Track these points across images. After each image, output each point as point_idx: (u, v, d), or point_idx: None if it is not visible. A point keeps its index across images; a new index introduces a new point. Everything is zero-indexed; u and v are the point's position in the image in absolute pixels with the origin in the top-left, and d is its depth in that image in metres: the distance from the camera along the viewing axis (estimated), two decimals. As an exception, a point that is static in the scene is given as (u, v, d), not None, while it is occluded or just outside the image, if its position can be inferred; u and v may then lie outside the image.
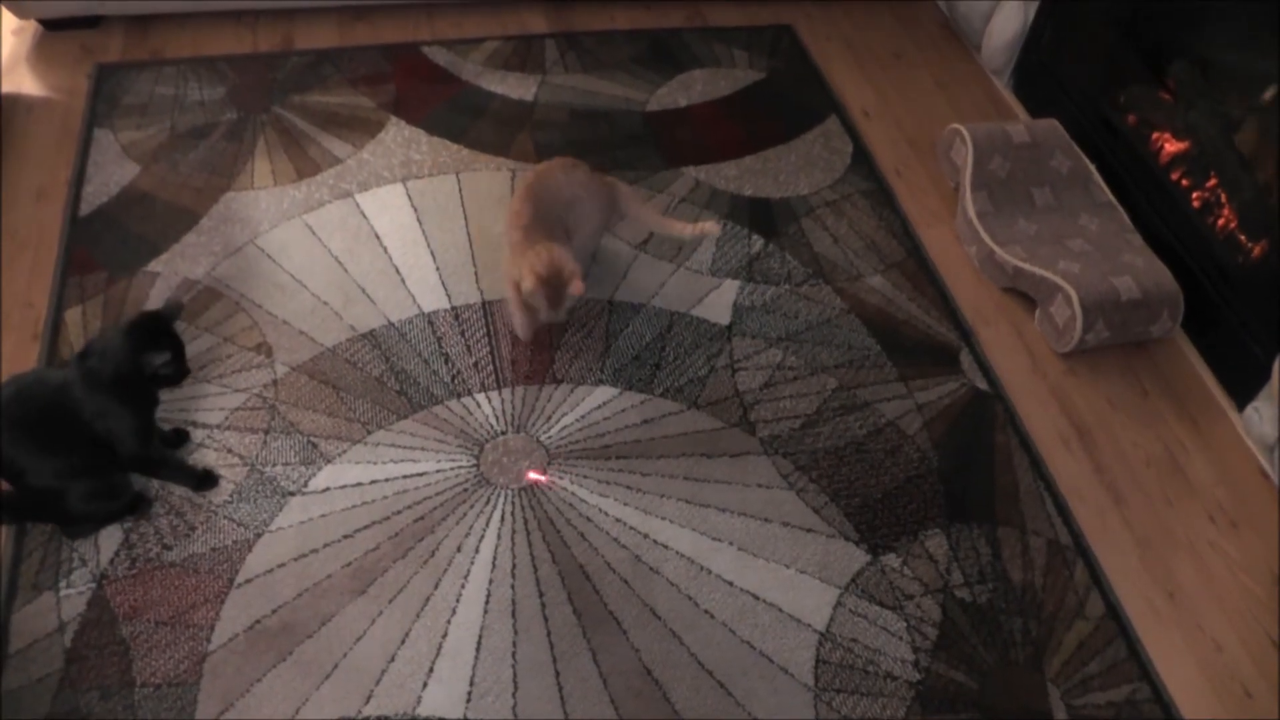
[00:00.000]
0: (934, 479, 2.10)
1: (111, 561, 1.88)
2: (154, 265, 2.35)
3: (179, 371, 1.87)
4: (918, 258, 2.52)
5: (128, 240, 2.40)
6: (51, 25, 2.93)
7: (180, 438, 2.06)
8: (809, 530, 1.99)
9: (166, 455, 2.01)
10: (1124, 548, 2.06)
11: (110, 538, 1.91)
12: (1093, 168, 2.60)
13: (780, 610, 1.88)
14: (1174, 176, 2.49)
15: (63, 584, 1.85)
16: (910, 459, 2.12)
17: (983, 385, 2.27)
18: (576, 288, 2.07)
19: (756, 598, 1.89)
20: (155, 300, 2.26)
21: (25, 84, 2.80)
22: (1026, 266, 2.38)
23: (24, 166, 2.57)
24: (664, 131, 2.78)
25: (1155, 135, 2.57)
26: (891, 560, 1.96)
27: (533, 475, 2.04)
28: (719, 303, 2.37)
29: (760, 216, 2.57)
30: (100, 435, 1.83)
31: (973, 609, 1.91)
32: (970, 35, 3.11)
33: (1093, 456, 2.20)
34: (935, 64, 3.13)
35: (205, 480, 2.00)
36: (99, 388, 1.80)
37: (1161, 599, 2.00)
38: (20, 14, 2.85)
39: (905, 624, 1.88)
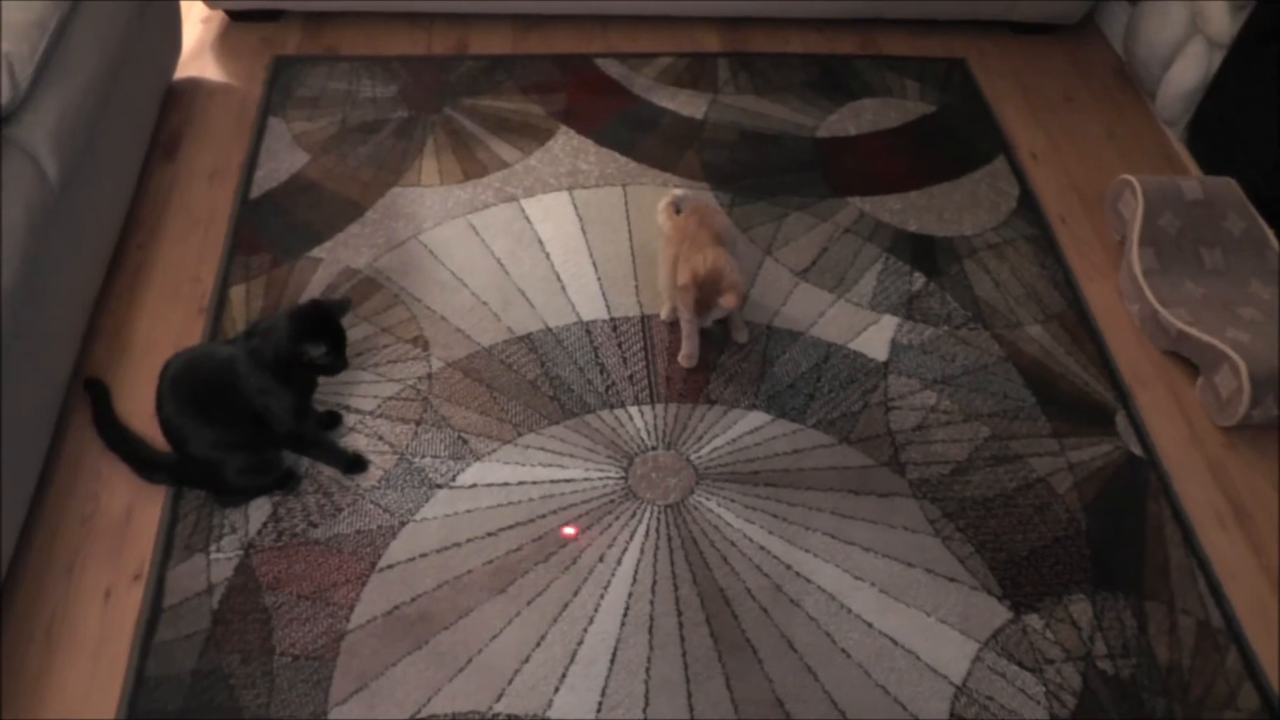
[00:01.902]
0: (1082, 542, 2.04)
1: (259, 532, 1.95)
2: (317, 252, 2.43)
3: (336, 364, 1.92)
4: (1078, 311, 2.45)
5: (293, 226, 2.48)
6: (236, 16, 3.06)
7: (333, 420, 2.12)
8: (952, 580, 1.96)
9: (319, 436, 2.07)
10: (1283, 639, 1.97)
11: (259, 509, 1.99)
12: (1270, 233, 2.49)
13: (918, 658, 1.85)
14: (1363, 252, 2.39)
15: (213, 548, 1.93)
16: (1059, 519, 2.07)
17: (1137, 450, 2.20)
18: (729, 300, 2.08)
19: (895, 642, 1.87)
20: (316, 285, 2.35)
21: (208, 70, 2.93)
22: (1192, 331, 2.29)
23: (202, 147, 2.69)
24: (832, 159, 2.76)
25: (1345, 205, 2.46)
26: (1034, 621, 1.92)
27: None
28: (877, 338, 2.34)
29: (922, 253, 2.54)
30: (259, 411, 1.90)
31: (1115, 682, 1.85)
32: (1146, 82, 3.02)
33: (1251, 539, 2.10)
34: (1107, 110, 3.04)
35: (355, 464, 2.05)
36: (260, 366, 1.86)
37: (1322, 699, 1.90)
38: (211, 4, 2.98)
39: (1044, 688, 1.83)
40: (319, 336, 1.87)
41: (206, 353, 1.97)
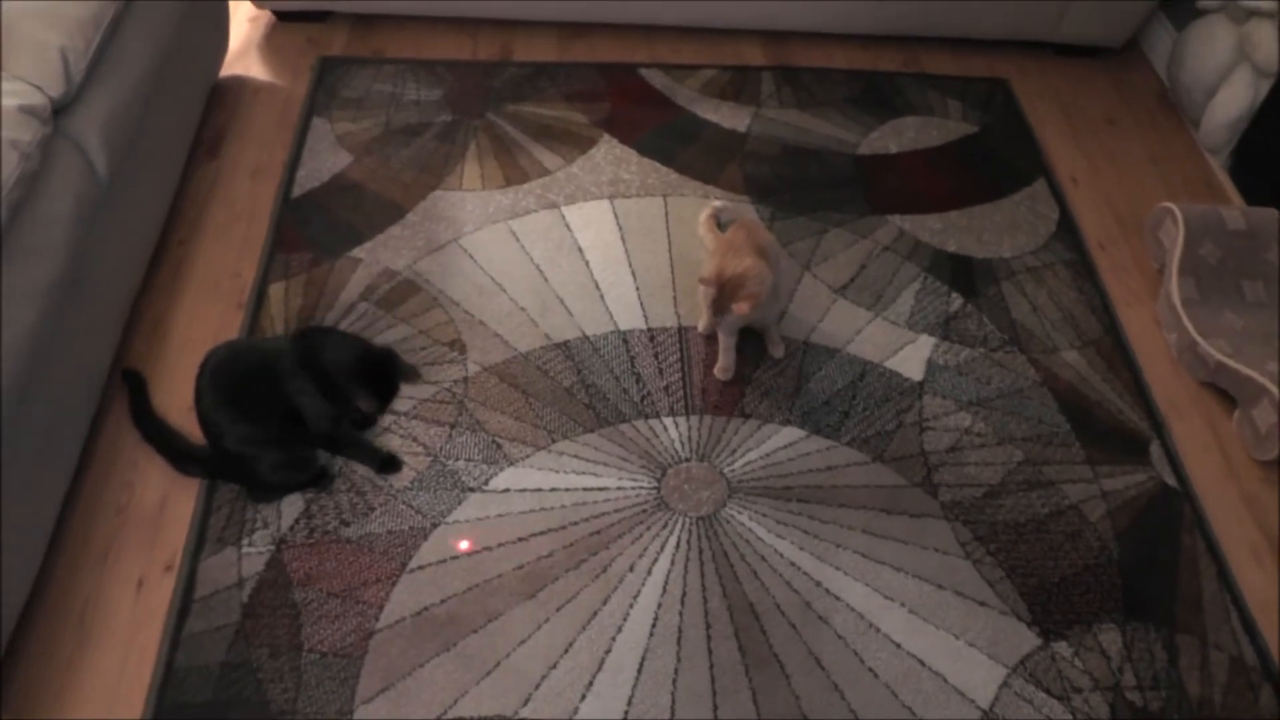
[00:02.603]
0: (1113, 571, 2.02)
1: (291, 528, 1.97)
2: (357, 252, 2.44)
3: (375, 415, 1.94)
4: (1115, 337, 2.44)
5: (335, 225, 2.50)
6: (284, 16, 3.09)
7: (367, 420, 2.13)
8: (982, 603, 1.95)
9: (354, 436, 2.08)
10: (1319, 680, 1.95)
11: (292, 505, 2.00)
12: (1314, 267, 2.48)
13: (945, 680, 1.84)
14: None
15: (245, 542, 1.94)
16: (1090, 546, 2.06)
17: (1171, 481, 2.18)
18: (741, 307, 2.08)
19: (922, 663, 1.86)
20: (355, 285, 2.36)
21: (254, 69, 2.96)
22: (1231, 363, 2.27)
23: (245, 145, 2.71)
24: (873, 176, 2.76)
25: (1392, 242, 2.43)
26: (1062, 648, 1.91)
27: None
28: (913, 358, 2.34)
29: (961, 274, 2.53)
30: (295, 409, 1.91)
31: (1143, 715, 1.84)
32: (1190, 109, 3.00)
33: (1288, 575, 2.10)
34: (1149, 135, 3.02)
35: (389, 464, 2.06)
36: (306, 370, 1.87)
37: (1359, 742, 1.88)
38: (259, 4, 3.01)
39: (1071, 717, 1.82)
40: (375, 389, 1.89)
41: (251, 346, 1.99)
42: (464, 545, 1.97)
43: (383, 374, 1.90)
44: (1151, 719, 1.83)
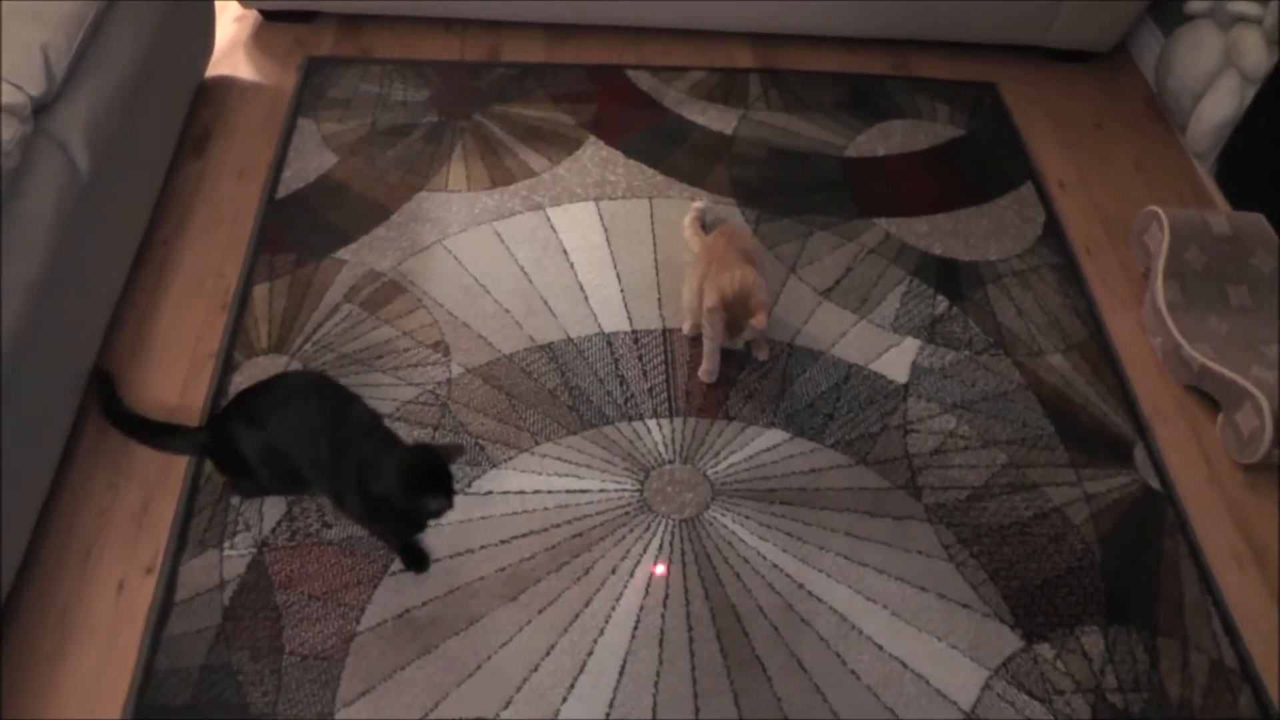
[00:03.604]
0: (1096, 574, 2.02)
1: (273, 531, 1.96)
2: (342, 253, 2.44)
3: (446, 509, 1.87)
4: (1100, 341, 2.44)
5: (319, 226, 2.49)
6: (270, 16, 3.08)
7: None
8: (965, 606, 1.95)
9: (391, 531, 1.99)
10: (1300, 684, 1.95)
11: (274, 507, 2.00)
12: (1298, 272, 2.49)
13: (927, 683, 1.84)
14: (1394, 294, 2.36)
15: (226, 545, 1.93)
16: (1073, 549, 2.06)
17: (1155, 485, 2.18)
18: (760, 320, 2.08)
19: (904, 665, 1.86)
20: (339, 287, 2.35)
21: (241, 69, 2.95)
22: (1215, 367, 2.28)
23: (231, 145, 2.70)
24: (860, 179, 2.75)
25: (1378, 246, 2.44)
26: (1045, 650, 1.91)
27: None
28: (898, 361, 2.34)
29: (947, 277, 2.53)
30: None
31: (1124, 717, 1.84)
32: (1177, 114, 3.01)
33: (1269, 581, 2.08)
34: (1136, 140, 3.03)
35: (415, 561, 1.96)
36: (352, 453, 1.82)
37: (1338, 746, 1.88)
38: (245, 3, 3.00)
39: (1052, 719, 1.82)
40: (434, 489, 1.78)
41: (325, 402, 1.89)
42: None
43: (433, 472, 1.80)
44: (1132, 721, 1.84)
